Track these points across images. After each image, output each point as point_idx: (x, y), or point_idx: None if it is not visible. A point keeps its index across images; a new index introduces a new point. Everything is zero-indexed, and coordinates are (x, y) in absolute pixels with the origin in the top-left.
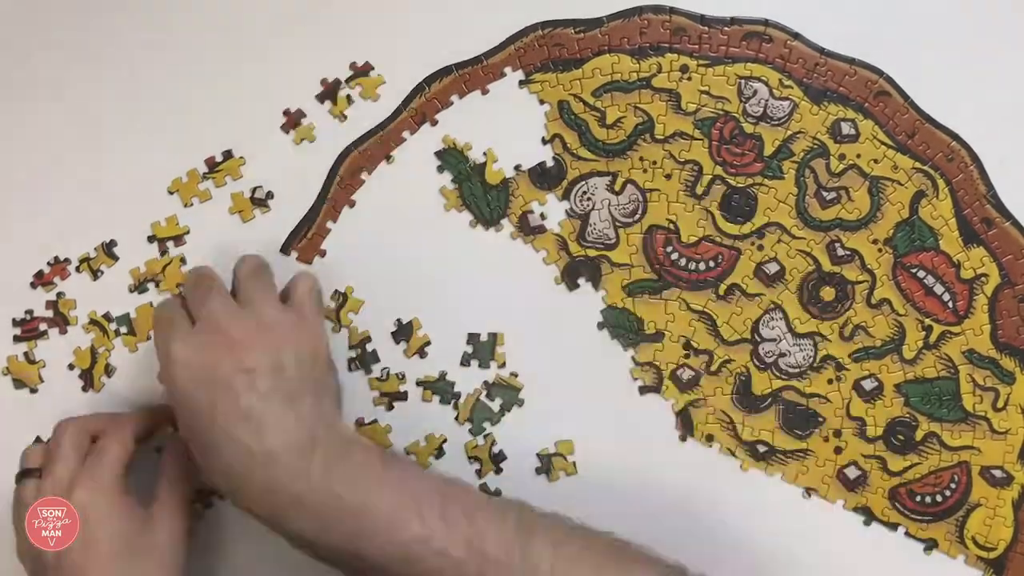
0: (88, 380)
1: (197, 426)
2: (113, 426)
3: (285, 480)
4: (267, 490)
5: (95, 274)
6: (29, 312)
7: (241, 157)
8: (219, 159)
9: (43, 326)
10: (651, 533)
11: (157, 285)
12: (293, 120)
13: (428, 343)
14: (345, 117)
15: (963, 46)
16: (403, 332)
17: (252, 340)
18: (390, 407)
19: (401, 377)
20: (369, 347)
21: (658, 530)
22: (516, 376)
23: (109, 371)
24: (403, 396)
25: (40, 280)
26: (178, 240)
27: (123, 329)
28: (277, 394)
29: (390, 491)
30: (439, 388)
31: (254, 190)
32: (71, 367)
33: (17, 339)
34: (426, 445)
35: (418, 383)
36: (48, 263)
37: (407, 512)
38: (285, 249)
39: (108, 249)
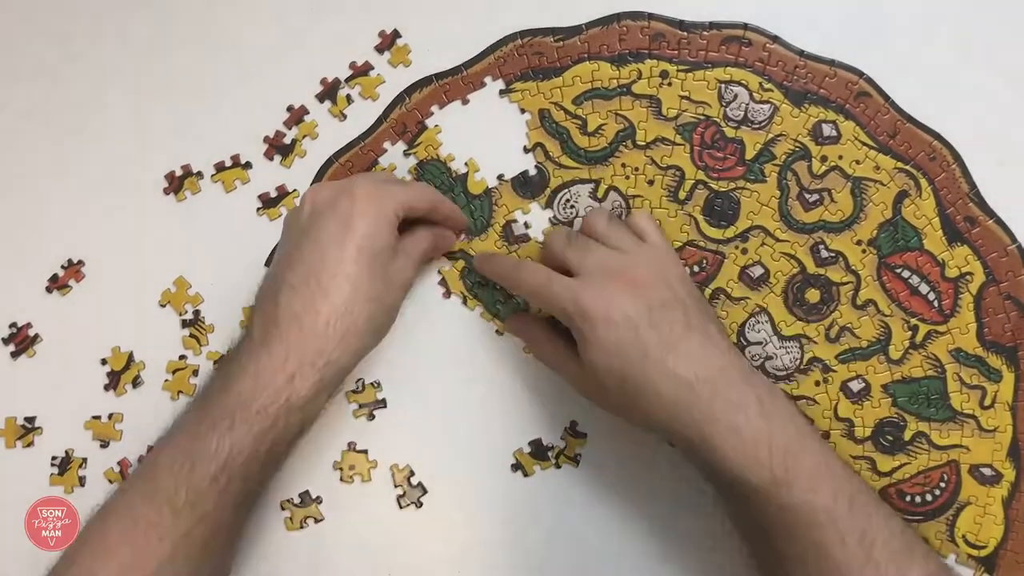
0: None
1: (629, 370)
2: (423, 190)
3: (721, 409)
4: (705, 420)
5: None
6: (13, 325)
7: (248, 162)
8: (228, 164)
9: (31, 331)
10: (648, 527)
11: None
12: (296, 117)
13: None
14: (345, 117)
15: (942, 45)
16: None
17: (647, 278)
18: (371, 417)
19: (377, 385)
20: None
21: (655, 524)
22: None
23: (136, 383)
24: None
25: (55, 284)
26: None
27: None
28: (689, 323)
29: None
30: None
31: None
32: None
33: (15, 355)
34: None
35: None
36: (62, 266)
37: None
38: (269, 262)
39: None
